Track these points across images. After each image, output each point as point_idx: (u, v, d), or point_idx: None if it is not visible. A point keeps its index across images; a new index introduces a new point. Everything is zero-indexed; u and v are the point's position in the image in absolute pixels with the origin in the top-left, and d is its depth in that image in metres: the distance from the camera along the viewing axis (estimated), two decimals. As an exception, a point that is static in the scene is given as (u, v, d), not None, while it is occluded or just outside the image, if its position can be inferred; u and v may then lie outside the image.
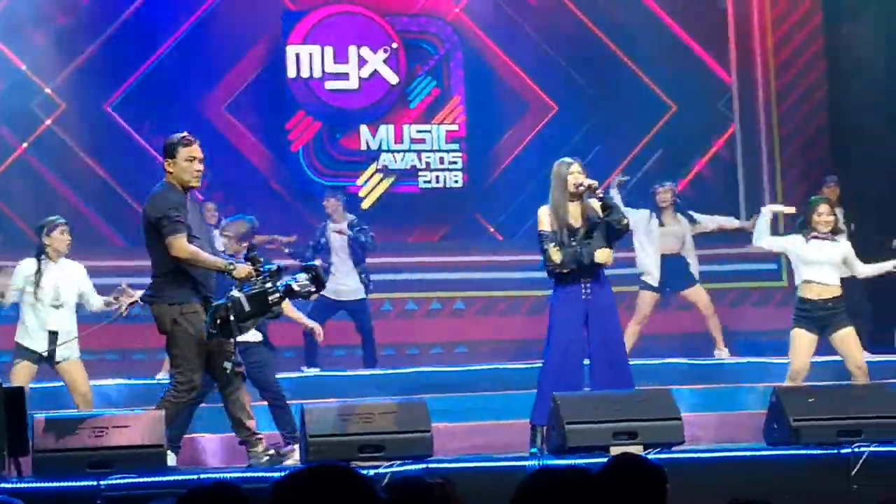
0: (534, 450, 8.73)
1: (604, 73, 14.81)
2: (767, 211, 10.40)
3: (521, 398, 9.24)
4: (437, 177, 14.65)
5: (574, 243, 8.86)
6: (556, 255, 8.84)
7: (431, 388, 10.50)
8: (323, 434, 7.81)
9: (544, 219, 8.99)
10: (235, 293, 7.70)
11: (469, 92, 14.73)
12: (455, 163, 14.69)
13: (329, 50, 14.54)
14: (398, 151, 14.60)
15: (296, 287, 7.82)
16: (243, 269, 7.78)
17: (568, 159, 9.07)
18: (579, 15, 14.87)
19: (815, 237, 9.82)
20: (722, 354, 12.49)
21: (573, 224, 8.93)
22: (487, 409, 10.38)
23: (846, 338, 9.80)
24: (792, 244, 9.98)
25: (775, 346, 12.67)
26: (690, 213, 12.75)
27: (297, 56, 14.49)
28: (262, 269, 7.77)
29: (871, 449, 7.94)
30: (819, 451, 7.99)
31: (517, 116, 14.79)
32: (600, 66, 14.83)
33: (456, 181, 14.68)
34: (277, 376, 9.69)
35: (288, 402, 9.51)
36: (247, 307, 7.66)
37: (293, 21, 14.51)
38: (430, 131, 14.69)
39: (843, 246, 9.98)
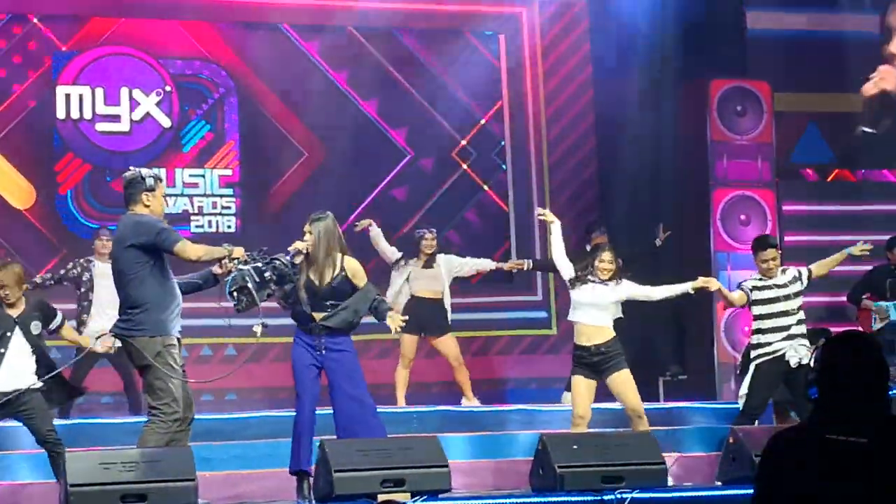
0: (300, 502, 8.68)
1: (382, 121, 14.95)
2: (557, 226, 10.34)
3: (290, 447, 9.15)
4: (210, 221, 14.51)
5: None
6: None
7: (199, 436, 10.32)
8: (84, 483, 7.63)
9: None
10: (242, 267, 8.05)
11: (244, 136, 14.64)
12: (228, 207, 14.57)
13: (100, 91, 14.30)
14: (170, 196, 14.39)
15: (281, 263, 8.32)
16: (238, 250, 8.12)
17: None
18: (354, 62, 14.96)
19: (591, 281, 9.96)
20: (471, 403, 12.50)
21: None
22: (254, 458, 10.25)
23: (622, 382, 9.95)
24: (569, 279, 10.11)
25: (544, 394, 12.90)
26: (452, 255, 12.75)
27: (67, 97, 14.21)
28: (251, 253, 8.20)
29: (634, 495, 8.12)
30: (583, 498, 8.14)
31: (292, 161, 14.74)
32: (377, 112, 14.96)
33: (229, 226, 14.55)
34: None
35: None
36: (257, 277, 8.09)
37: (64, 61, 14.23)
38: (203, 175, 14.55)
39: (622, 288, 10.11)
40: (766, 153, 14.23)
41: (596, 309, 9.93)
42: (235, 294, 8.12)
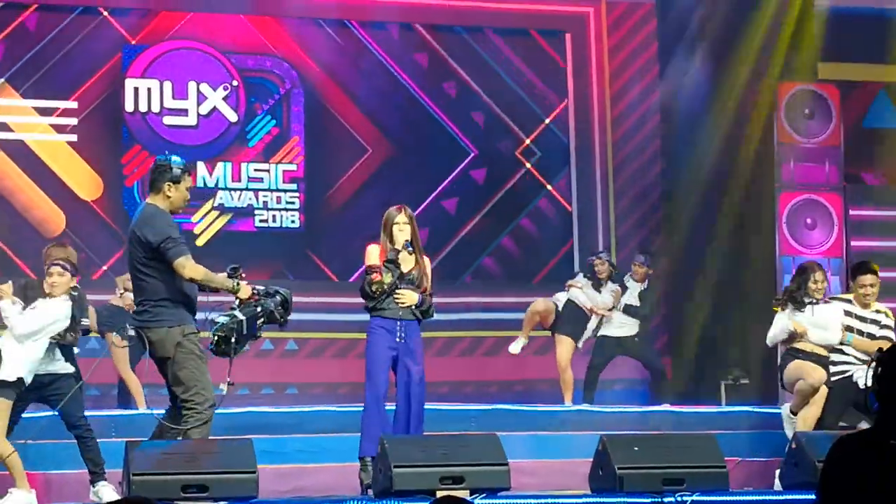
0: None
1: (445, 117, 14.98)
2: None
3: (351, 441, 9.18)
4: (274, 216, 14.58)
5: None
6: (380, 277, 8.82)
7: (260, 429, 10.38)
8: (146, 472, 7.69)
9: (371, 255, 8.97)
10: (238, 314, 7.80)
11: (308, 132, 14.70)
12: (292, 203, 14.63)
13: (168, 85, 14.41)
14: (235, 190, 14.49)
15: (276, 314, 7.93)
16: (247, 289, 7.86)
17: (394, 208, 9.00)
18: (421, 59, 15.00)
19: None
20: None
21: (402, 268, 8.92)
22: (314, 452, 10.30)
23: None
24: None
25: (601, 396, 12.88)
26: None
27: (136, 90, 14.32)
28: (256, 290, 7.88)
29: (694, 498, 8.06)
30: (643, 500, 8.10)
31: (356, 158, 14.79)
32: (442, 109, 14.99)
33: (293, 221, 14.61)
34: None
35: (112, 439, 9.31)
36: (245, 329, 7.78)
37: (133, 54, 14.35)
38: (268, 170, 14.62)
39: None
40: (834, 157, 14.10)
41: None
42: (216, 339, 7.81)
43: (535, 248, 14.82)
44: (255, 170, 14.58)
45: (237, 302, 7.87)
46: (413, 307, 8.86)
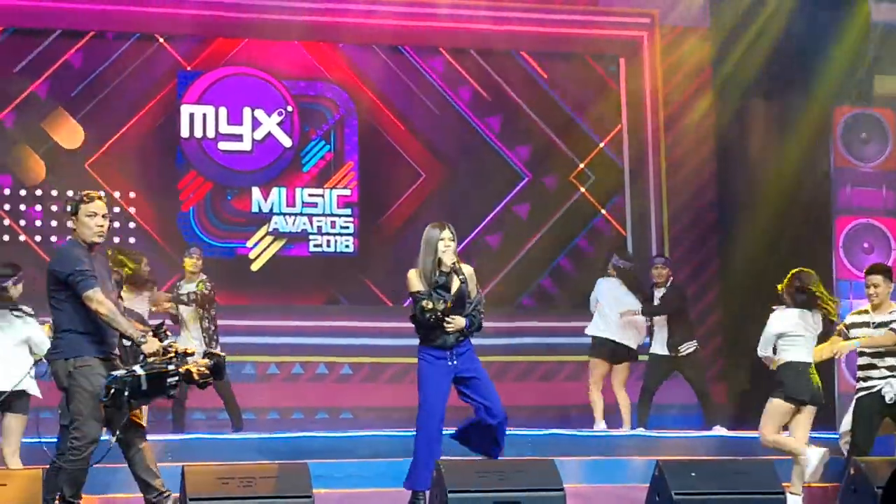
0: None
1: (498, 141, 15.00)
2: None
3: (405, 466, 9.17)
4: (328, 241, 14.62)
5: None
6: (429, 303, 8.79)
7: (315, 454, 10.39)
8: (204, 496, 7.70)
9: (414, 280, 8.95)
10: (138, 369, 7.64)
11: (362, 157, 14.74)
12: (347, 227, 14.67)
13: (223, 111, 14.50)
14: (290, 215, 14.56)
15: (195, 375, 7.77)
16: (153, 344, 7.73)
17: (437, 225, 8.94)
18: (475, 84, 15.04)
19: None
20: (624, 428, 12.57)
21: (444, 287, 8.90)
22: (368, 476, 10.29)
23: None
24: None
25: (658, 420, 12.81)
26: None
27: (191, 116, 14.43)
28: (168, 349, 7.73)
29: (752, 524, 8.01)
30: (700, 525, 8.03)
31: (410, 182, 14.82)
32: (495, 134, 15.02)
33: (347, 246, 14.65)
34: None
35: (168, 463, 9.33)
36: (144, 386, 7.62)
37: (188, 80, 14.45)
38: (322, 195, 14.67)
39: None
40: (891, 181, 14.00)
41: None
42: (107, 391, 7.62)
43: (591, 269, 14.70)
44: (310, 195, 14.64)
45: (142, 356, 7.75)
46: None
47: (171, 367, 7.67)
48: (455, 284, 8.88)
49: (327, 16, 14.64)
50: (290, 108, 14.67)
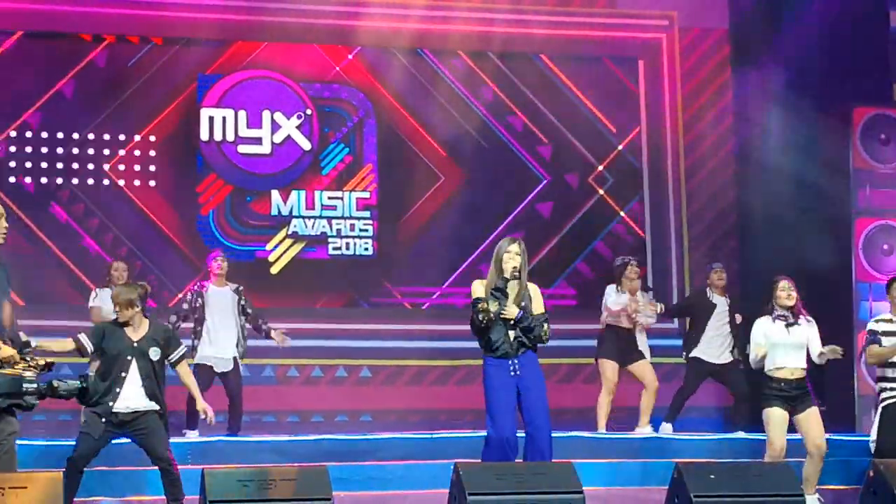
0: None
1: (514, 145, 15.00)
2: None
3: (424, 468, 9.20)
4: (348, 244, 14.64)
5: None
6: (484, 304, 8.85)
7: (334, 456, 10.42)
8: (224, 499, 7.73)
9: (476, 288, 9.03)
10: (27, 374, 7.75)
11: (381, 160, 14.77)
12: (366, 230, 14.69)
13: (242, 114, 14.54)
14: (309, 217, 14.59)
15: (59, 387, 7.93)
16: (6, 350, 7.77)
17: (507, 239, 9.11)
18: (493, 87, 15.05)
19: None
20: (644, 431, 12.50)
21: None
22: (389, 479, 10.31)
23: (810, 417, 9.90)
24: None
25: (678, 423, 12.79)
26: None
27: (211, 119, 14.47)
28: (26, 358, 7.80)
29: (771, 527, 8.00)
30: (719, 528, 8.03)
31: (429, 185, 14.83)
32: (513, 136, 15.02)
33: (366, 249, 14.67)
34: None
35: (189, 466, 9.38)
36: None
37: (208, 84, 14.49)
38: (341, 198, 14.69)
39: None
40: (911, 182, 13.96)
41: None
42: None
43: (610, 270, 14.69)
44: (329, 198, 14.66)
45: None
46: (520, 332, 8.89)
47: (28, 375, 7.74)
48: (514, 291, 8.93)
49: (346, 19, 14.66)
50: (308, 112, 14.70)
